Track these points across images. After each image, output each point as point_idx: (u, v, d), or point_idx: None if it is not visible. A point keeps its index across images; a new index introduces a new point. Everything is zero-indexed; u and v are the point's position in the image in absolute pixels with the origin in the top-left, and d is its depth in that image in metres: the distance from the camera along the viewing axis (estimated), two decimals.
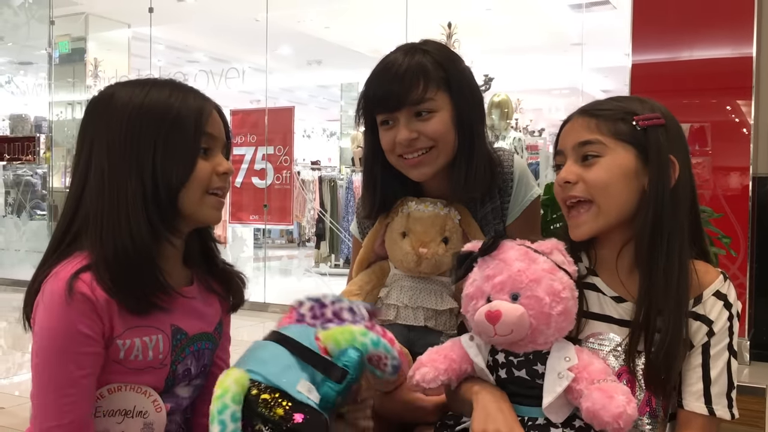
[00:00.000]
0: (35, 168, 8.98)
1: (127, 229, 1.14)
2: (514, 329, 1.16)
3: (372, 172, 1.52)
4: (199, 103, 1.21)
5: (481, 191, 1.50)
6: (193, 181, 1.19)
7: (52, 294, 1.11)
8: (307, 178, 8.32)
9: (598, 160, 1.25)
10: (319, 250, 8.34)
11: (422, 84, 1.43)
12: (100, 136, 1.19)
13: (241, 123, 6.83)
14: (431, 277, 1.46)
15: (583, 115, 1.29)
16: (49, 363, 1.10)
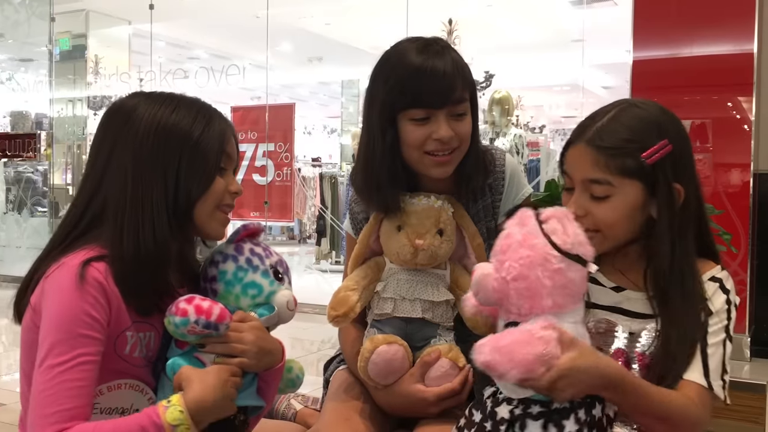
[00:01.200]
0: (36, 165, 8.98)
1: (151, 231, 1.19)
2: (478, 289, 1.18)
3: (395, 169, 1.49)
4: (222, 126, 1.29)
5: (482, 180, 1.55)
6: (209, 195, 1.26)
7: (62, 279, 1.13)
8: (308, 175, 8.32)
9: (607, 200, 1.28)
10: (320, 246, 8.34)
11: (461, 84, 1.46)
12: (123, 141, 1.24)
13: (242, 120, 6.83)
14: (427, 270, 1.47)
15: (590, 148, 1.29)
16: (56, 346, 1.10)
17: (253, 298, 1.27)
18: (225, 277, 1.27)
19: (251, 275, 1.27)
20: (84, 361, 1.10)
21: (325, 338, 5.52)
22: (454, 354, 1.41)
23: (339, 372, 1.64)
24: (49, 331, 1.11)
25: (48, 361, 1.09)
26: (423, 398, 1.39)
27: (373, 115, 1.50)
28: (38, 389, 1.09)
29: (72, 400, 1.08)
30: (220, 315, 1.18)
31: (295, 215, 7.27)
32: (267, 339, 1.25)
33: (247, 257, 1.28)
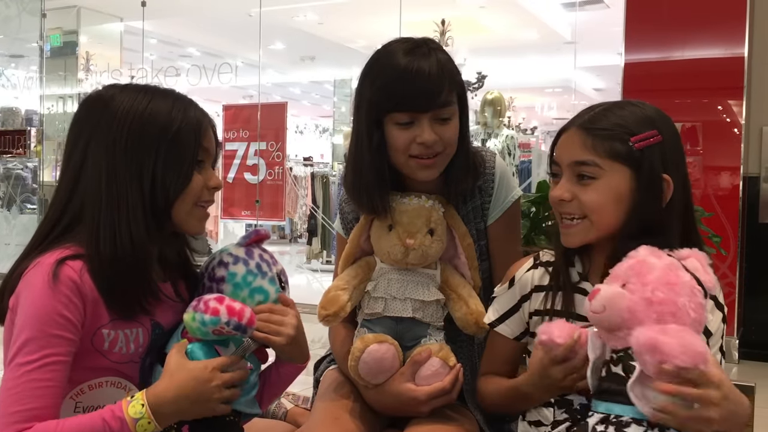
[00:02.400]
0: (26, 161, 8.93)
1: (127, 231, 1.16)
2: (606, 306, 1.12)
3: (381, 171, 1.48)
4: (198, 117, 1.25)
5: (471, 183, 1.54)
6: (187, 193, 1.23)
7: (36, 278, 1.11)
8: (300, 174, 8.30)
9: (594, 182, 1.27)
10: (311, 246, 8.33)
11: (447, 88, 1.44)
12: (98, 136, 1.20)
13: (234, 118, 6.81)
14: (418, 269, 1.47)
15: (580, 131, 1.29)
16: (26, 345, 1.08)
17: (258, 303, 1.27)
18: (234, 279, 1.26)
19: (260, 281, 1.28)
20: (52, 361, 1.09)
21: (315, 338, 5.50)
22: (445, 353, 1.41)
23: (329, 371, 1.63)
24: (21, 330, 1.09)
25: (17, 360, 1.08)
26: (413, 397, 1.38)
27: (361, 116, 1.50)
28: (4, 387, 1.08)
29: (36, 400, 1.07)
30: (250, 318, 1.18)
31: (286, 214, 7.25)
32: (303, 333, 1.30)
33: (257, 262, 1.29)
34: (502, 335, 1.42)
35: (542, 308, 1.35)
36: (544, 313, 1.34)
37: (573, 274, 1.34)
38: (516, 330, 1.41)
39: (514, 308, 1.40)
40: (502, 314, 1.42)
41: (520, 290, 1.39)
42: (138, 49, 8.63)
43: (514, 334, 1.41)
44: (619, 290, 1.13)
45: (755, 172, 5.10)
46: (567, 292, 1.32)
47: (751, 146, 5.09)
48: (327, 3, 8.24)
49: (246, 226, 7.34)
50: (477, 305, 1.46)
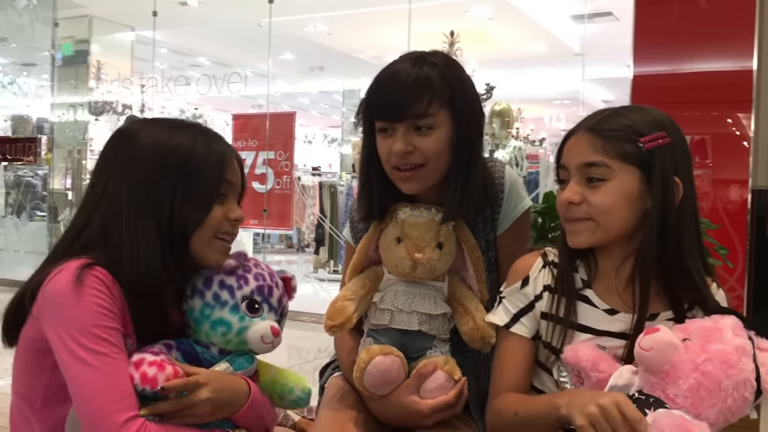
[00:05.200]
0: (36, 169, 8.99)
1: (144, 265, 1.15)
2: (654, 347, 1.11)
3: (369, 176, 1.52)
4: (221, 150, 1.25)
5: (474, 211, 1.51)
6: (205, 226, 1.22)
7: (64, 282, 1.09)
8: (308, 184, 8.33)
9: (603, 184, 1.26)
10: (318, 255, 8.34)
11: (426, 99, 1.41)
12: (120, 169, 1.21)
13: (243, 127, 6.85)
14: (425, 282, 1.46)
15: (588, 133, 1.28)
16: (84, 350, 1.07)
17: (223, 335, 1.20)
18: (193, 315, 1.22)
19: (218, 312, 1.20)
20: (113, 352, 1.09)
21: (322, 347, 5.52)
22: (450, 367, 1.41)
23: (334, 379, 1.63)
24: (71, 330, 1.08)
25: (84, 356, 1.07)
26: (418, 410, 1.38)
27: (362, 128, 1.54)
28: (87, 383, 1.06)
29: (126, 386, 1.08)
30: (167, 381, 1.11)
31: (294, 224, 7.27)
32: (225, 389, 1.16)
33: (214, 292, 1.21)
34: (518, 336, 1.35)
35: (548, 311, 1.33)
36: (549, 317, 1.33)
37: (576, 280, 1.33)
38: (533, 328, 1.35)
39: (528, 307, 1.36)
40: (515, 313, 1.37)
41: (534, 290, 1.36)
42: (149, 58, 8.69)
43: (531, 332, 1.35)
44: (676, 342, 1.13)
45: (764, 185, 5.08)
46: (570, 299, 1.31)
47: (759, 159, 5.07)
48: (336, 14, 8.28)
49: (254, 235, 7.36)
50: (484, 320, 1.45)
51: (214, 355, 1.21)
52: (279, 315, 1.26)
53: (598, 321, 1.30)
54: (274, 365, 1.32)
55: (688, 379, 1.10)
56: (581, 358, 1.22)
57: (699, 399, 1.09)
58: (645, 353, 1.13)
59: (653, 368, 1.13)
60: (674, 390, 1.11)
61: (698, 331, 1.15)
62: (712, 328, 1.15)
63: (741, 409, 1.11)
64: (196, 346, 1.21)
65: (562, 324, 1.30)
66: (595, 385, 1.20)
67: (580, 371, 1.23)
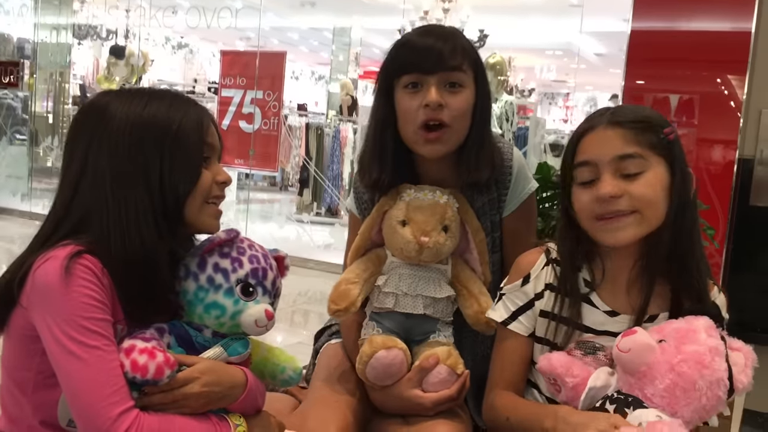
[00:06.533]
0: (16, 91, 8.78)
1: (138, 237, 1.12)
2: (632, 348, 1.15)
3: (383, 142, 1.50)
4: (198, 113, 1.22)
5: (487, 176, 1.51)
6: (197, 191, 1.20)
7: (52, 273, 1.06)
8: (294, 124, 8.23)
9: (642, 176, 1.24)
10: (302, 197, 8.32)
11: (460, 53, 1.45)
12: (97, 143, 1.16)
13: (231, 64, 6.71)
14: (429, 265, 1.46)
15: (614, 126, 1.26)
16: (76, 334, 1.05)
17: (216, 318, 1.18)
18: (186, 297, 1.19)
19: (212, 295, 1.17)
20: (104, 344, 1.07)
21: (302, 291, 5.55)
22: (453, 360, 1.41)
23: (330, 346, 1.64)
24: (61, 322, 1.06)
25: (74, 350, 1.05)
26: (420, 404, 1.40)
27: (376, 90, 1.54)
28: (80, 377, 1.04)
29: (120, 379, 1.06)
30: (157, 371, 1.07)
31: (279, 164, 7.21)
32: (220, 382, 1.14)
33: (208, 275, 1.18)
34: (515, 333, 1.37)
35: (550, 310, 1.34)
36: (551, 316, 1.33)
37: (579, 281, 1.33)
38: (530, 326, 1.36)
39: (528, 305, 1.36)
40: (514, 311, 1.37)
41: (534, 288, 1.36)
42: None
43: (528, 330, 1.36)
44: (652, 344, 1.16)
45: (750, 154, 5.11)
46: (575, 300, 1.31)
47: (748, 128, 5.08)
48: None
49: (239, 175, 7.30)
50: (488, 303, 1.45)
51: (208, 338, 1.19)
52: (273, 297, 1.25)
53: (599, 322, 1.30)
54: (264, 343, 1.31)
55: (664, 379, 1.14)
56: (555, 365, 1.25)
57: (675, 398, 1.13)
58: (623, 355, 1.16)
59: (631, 369, 1.17)
60: (651, 390, 1.15)
61: (673, 333, 1.18)
62: (687, 329, 1.18)
63: (715, 408, 1.15)
64: (189, 330, 1.19)
65: (568, 325, 1.30)
66: (571, 391, 1.24)
67: (555, 378, 1.26)
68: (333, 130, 8.10)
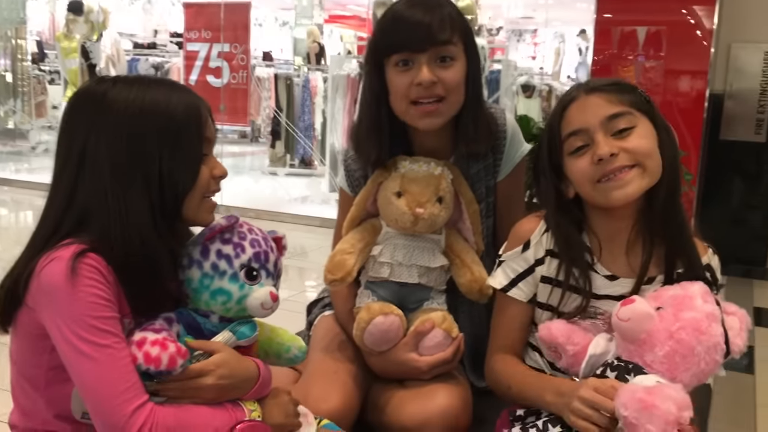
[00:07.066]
0: None
1: (138, 238, 1.11)
2: (632, 318, 1.18)
3: (378, 119, 1.51)
4: (197, 106, 1.19)
5: (485, 147, 1.53)
6: (196, 188, 1.18)
7: (58, 273, 1.06)
8: (263, 76, 8.09)
9: (634, 131, 1.27)
10: (275, 149, 8.24)
11: (449, 27, 1.44)
12: (96, 136, 1.13)
13: (195, 17, 6.54)
14: (424, 235, 1.47)
15: (596, 92, 1.29)
16: (85, 343, 1.05)
17: (223, 304, 1.19)
18: (191, 285, 1.19)
19: (218, 282, 1.18)
20: (115, 342, 1.07)
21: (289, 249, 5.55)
22: (448, 324, 1.44)
23: (324, 318, 1.66)
24: (71, 322, 1.05)
25: (86, 350, 1.05)
26: (416, 367, 1.43)
27: (367, 65, 1.54)
28: (94, 376, 1.05)
29: (133, 374, 1.06)
30: (170, 361, 1.08)
31: (249, 117, 7.12)
32: (234, 375, 1.15)
33: (212, 262, 1.18)
34: (515, 299, 1.38)
35: (554, 276, 1.34)
36: (555, 282, 1.34)
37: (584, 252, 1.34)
38: (530, 292, 1.37)
39: (528, 271, 1.37)
40: (513, 278, 1.38)
41: (534, 254, 1.36)
42: None
43: (528, 296, 1.37)
44: (651, 312, 1.18)
45: (720, 89, 5.16)
46: (583, 269, 1.31)
47: (718, 62, 5.12)
48: None
49: None
50: (481, 272, 1.48)
51: (216, 324, 1.20)
52: (275, 279, 1.26)
53: (598, 286, 1.32)
54: (267, 324, 1.31)
55: (663, 346, 1.17)
56: (555, 334, 1.28)
57: (674, 364, 1.17)
58: (623, 324, 1.19)
59: (631, 337, 1.20)
60: (651, 357, 1.18)
61: (670, 300, 1.22)
62: (683, 296, 1.21)
63: (712, 371, 1.20)
64: (197, 317, 1.19)
65: (579, 293, 1.31)
66: (572, 358, 1.27)
67: (556, 347, 1.29)
68: (302, 80, 7.98)
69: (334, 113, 6.33)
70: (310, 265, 4.84)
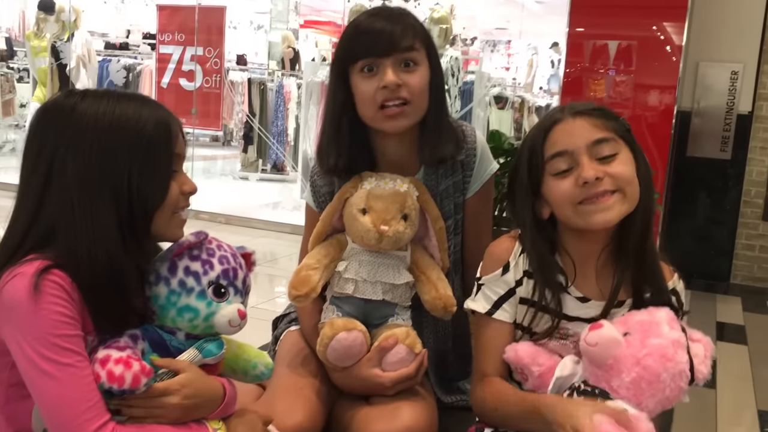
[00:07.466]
0: None
1: (105, 255, 1.09)
2: (599, 342, 1.19)
3: (341, 126, 1.54)
4: (167, 121, 1.18)
5: (450, 153, 1.55)
6: (165, 205, 1.17)
7: (20, 289, 1.04)
8: (236, 80, 8.05)
9: (617, 157, 1.28)
10: (247, 154, 8.19)
11: (411, 33, 1.49)
12: (64, 149, 1.12)
13: (169, 19, 6.48)
14: (389, 252, 1.48)
15: (581, 116, 1.31)
16: (47, 362, 1.03)
17: (190, 321, 1.17)
18: (158, 302, 1.18)
19: (185, 299, 1.17)
20: (77, 361, 1.05)
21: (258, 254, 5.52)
22: (411, 340, 1.44)
23: (290, 333, 1.65)
24: (32, 341, 1.04)
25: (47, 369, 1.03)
26: (380, 383, 1.43)
27: (330, 77, 1.57)
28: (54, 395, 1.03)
29: (95, 393, 1.05)
30: (133, 380, 1.06)
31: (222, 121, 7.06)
32: (199, 394, 1.14)
33: (180, 279, 1.17)
34: (500, 321, 1.36)
35: (529, 297, 1.35)
36: (530, 303, 1.34)
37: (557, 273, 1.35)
38: (513, 313, 1.36)
39: (510, 293, 1.36)
40: (496, 300, 1.36)
41: (515, 275, 1.36)
42: None
43: (512, 317, 1.36)
44: (618, 338, 1.19)
45: (687, 106, 5.25)
46: (555, 292, 1.32)
47: (686, 81, 5.21)
48: None
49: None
50: (446, 289, 1.49)
51: (182, 341, 1.19)
52: (244, 296, 1.25)
53: (570, 308, 1.33)
54: (234, 340, 1.30)
55: (630, 372, 1.18)
56: (521, 355, 1.30)
57: (640, 390, 1.18)
58: (590, 348, 1.20)
59: (598, 362, 1.21)
60: (617, 382, 1.19)
61: (637, 326, 1.23)
62: (650, 322, 1.23)
63: (677, 398, 1.21)
64: (162, 334, 1.18)
65: (550, 314, 1.32)
66: (537, 379, 1.28)
67: (522, 368, 1.30)
68: (276, 85, 7.96)
69: (308, 120, 6.32)
70: (280, 272, 4.82)
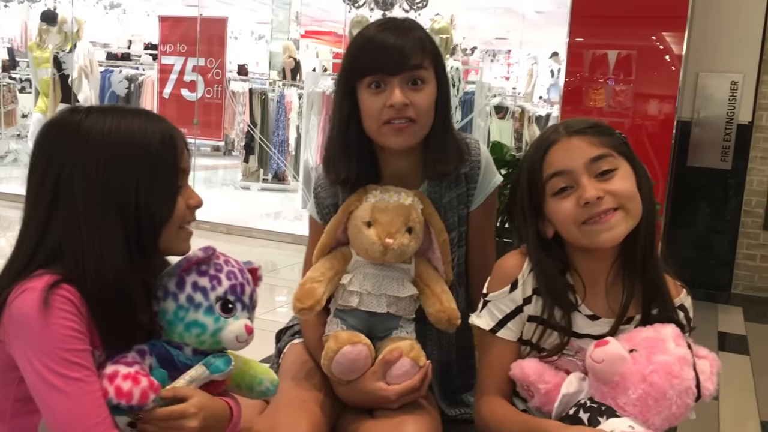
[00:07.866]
0: None
1: (112, 273, 1.10)
2: (605, 359, 1.19)
3: (348, 139, 1.53)
4: (173, 136, 1.19)
5: (454, 167, 1.55)
6: (173, 220, 1.18)
7: (30, 304, 1.04)
8: (238, 90, 8.07)
9: (616, 173, 1.28)
10: (248, 164, 8.21)
11: (420, 51, 1.48)
12: (71, 166, 1.13)
13: (171, 30, 6.51)
14: (393, 265, 1.48)
15: (578, 135, 1.31)
16: (56, 376, 1.04)
17: (197, 336, 1.18)
18: (166, 317, 1.18)
19: (192, 314, 1.17)
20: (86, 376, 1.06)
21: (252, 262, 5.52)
22: (415, 353, 1.44)
23: (294, 346, 1.65)
24: (42, 355, 1.04)
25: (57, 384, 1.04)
26: (384, 396, 1.43)
27: (337, 90, 1.57)
28: (64, 409, 1.04)
29: (104, 409, 1.05)
30: (141, 396, 1.07)
31: (223, 131, 7.08)
32: (213, 417, 1.16)
33: (188, 294, 1.17)
34: (503, 339, 1.36)
35: (538, 314, 1.35)
36: (539, 321, 1.34)
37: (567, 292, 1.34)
38: (518, 332, 1.37)
39: (516, 311, 1.36)
40: (501, 318, 1.37)
41: (523, 293, 1.36)
42: None
43: (516, 335, 1.37)
44: (624, 355, 1.20)
45: (688, 116, 5.27)
46: (566, 310, 1.32)
47: (686, 91, 5.22)
48: None
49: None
50: (450, 302, 1.49)
51: (189, 356, 1.19)
52: (250, 311, 1.26)
53: (580, 326, 1.33)
54: (240, 356, 1.31)
55: (636, 389, 1.18)
56: (528, 372, 1.30)
57: (647, 407, 1.18)
58: (596, 365, 1.20)
59: (604, 379, 1.21)
60: (624, 399, 1.19)
61: (643, 342, 1.23)
62: (656, 339, 1.23)
63: (684, 414, 1.21)
64: (170, 349, 1.18)
65: (559, 332, 1.32)
66: (544, 396, 1.28)
67: (528, 385, 1.30)
68: (277, 95, 7.98)
69: (309, 130, 6.34)
70: (282, 282, 4.83)
